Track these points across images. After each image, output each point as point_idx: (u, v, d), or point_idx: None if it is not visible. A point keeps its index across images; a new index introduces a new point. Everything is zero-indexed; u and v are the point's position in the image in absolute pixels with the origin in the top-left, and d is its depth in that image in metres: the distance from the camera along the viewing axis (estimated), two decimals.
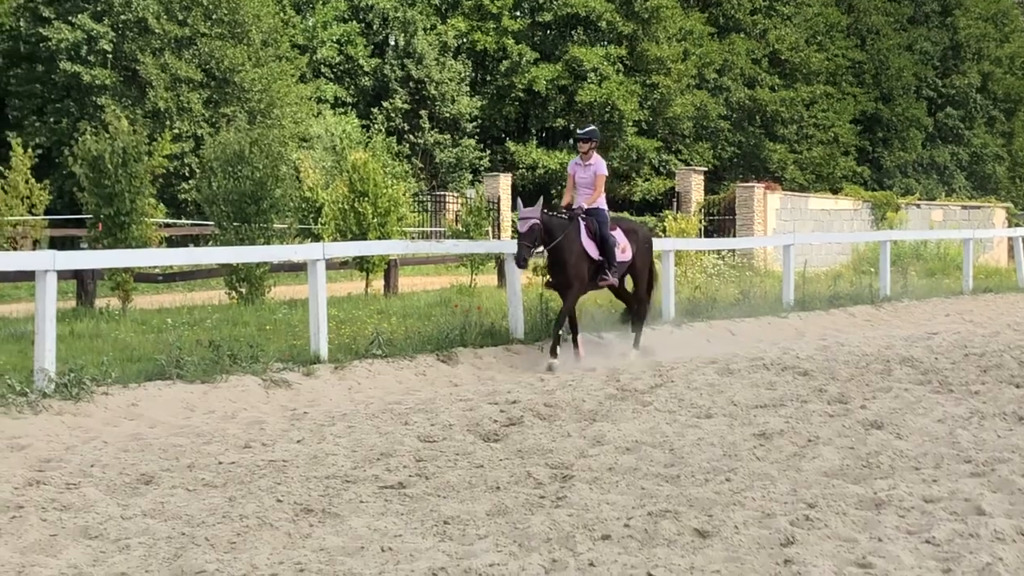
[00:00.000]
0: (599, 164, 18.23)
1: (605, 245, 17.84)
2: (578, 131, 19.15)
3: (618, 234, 18.23)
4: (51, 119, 48.20)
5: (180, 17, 49.64)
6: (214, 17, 50.23)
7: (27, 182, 20.77)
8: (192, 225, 35.93)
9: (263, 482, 9.89)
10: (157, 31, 48.88)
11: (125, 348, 16.54)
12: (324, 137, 49.08)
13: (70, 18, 48.58)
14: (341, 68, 60.56)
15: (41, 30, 48.84)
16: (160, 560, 7.73)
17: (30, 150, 21.44)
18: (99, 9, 48.99)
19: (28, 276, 17.59)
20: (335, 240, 25.91)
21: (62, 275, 15.79)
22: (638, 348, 18.66)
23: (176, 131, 27.35)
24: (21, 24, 50.17)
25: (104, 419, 13.04)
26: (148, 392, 13.99)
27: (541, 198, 18.02)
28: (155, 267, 24.38)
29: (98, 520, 8.69)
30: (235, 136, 25.67)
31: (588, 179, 18.14)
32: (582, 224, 17.75)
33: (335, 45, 60.23)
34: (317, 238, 26.30)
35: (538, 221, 17.15)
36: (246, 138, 25.50)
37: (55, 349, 14.02)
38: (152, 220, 24.32)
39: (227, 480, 10.02)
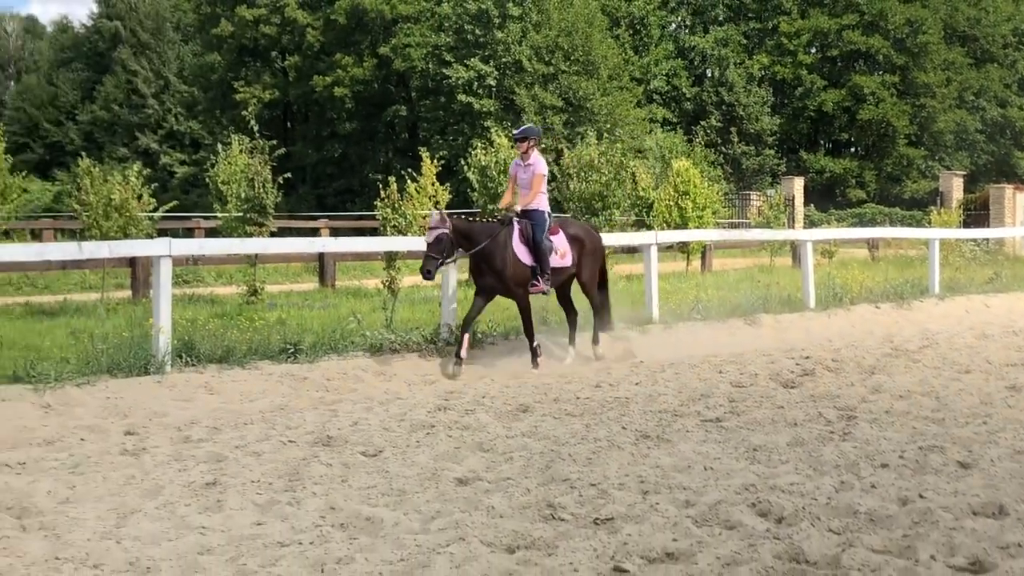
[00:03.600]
0: (538, 164, 13.95)
1: (538, 250, 13.59)
2: (515, 131, 14.87)
3: (558, 239, 13.98)
4: (450, 137, 49.81)
5: (546, 59, 50.43)
6: (572, 58, 50.83)
7: (433, 184, 21.30)
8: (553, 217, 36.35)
9: (611, 413, 9.98)
10: (529, 70, 49.80)
11: (505, 308, 16.86)
12: (655, 149, 48.89)
13: (465, 61, 50.06)
14: (668, 95, 60.48)
15: (444, 71, 50.49)
16: (535, 469, 7.89)
17: (435, 161, 21.98)
18: (486, 54, 50.27)
19: None
20: (663, 229, 25.82)
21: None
22: (597, 345, 14.42)
23: (543, 146, 27.71)
24: (430, 66, 51.89)
25: (489, 363, 13.37)
26: (521, 343, 14.25)
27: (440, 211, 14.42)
28: None
29: (489, 438, 8.94)
30: (587, 150, 25.86)
31: (528, 179, 13.91)
32: (516, 228, 13.60)
33: (664, 77, 60.18)
34: (649, 228, 26.23)
35: (446, 231, 13.03)
36: (595, 151, 25.66)
37: (456, 310, 14.46)
38: None
39: (584, 411, 10.14)
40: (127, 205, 19.82)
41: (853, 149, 66.30)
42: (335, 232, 33.05)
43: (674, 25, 65.21)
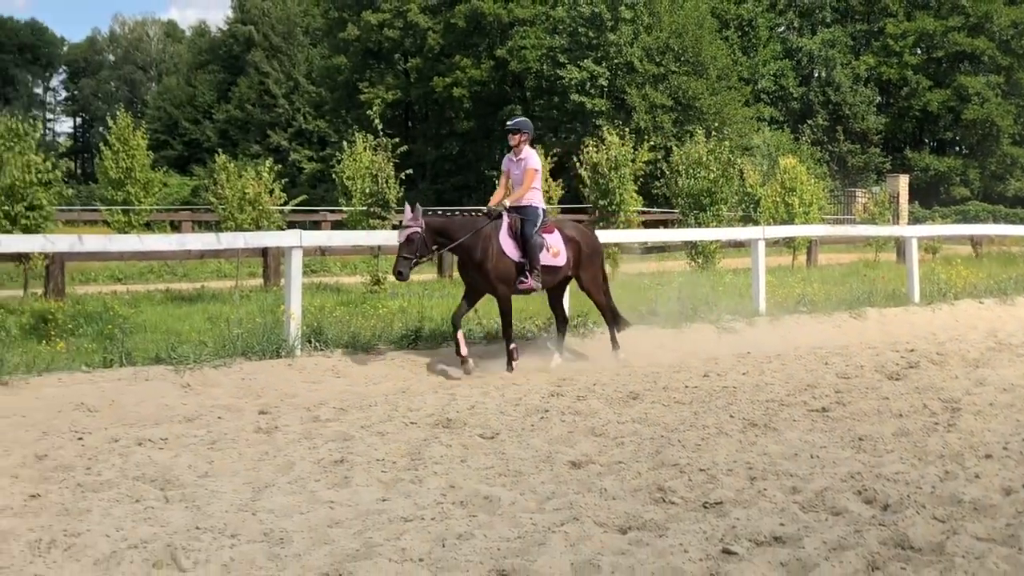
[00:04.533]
0: (530, 158, 12.45)
1: (527, 244, 12.12)
2: (507, 122, 13.03)
3: (553, 237, 12.46)
4: (563, 135, 49.81)
5: (657, 60, 50.14)
6: (682, 59, 50.48)
7: (546, 180, 21.48)
8: (661, 212, 36.06)
9: (719, 402, 9.90)
10: (640, 70, 49.56)
11: (617, 301, 16.75)
12: (762, 147, 48.41)
13: (578, 62, 49.99)
14: (776, 95, 59.70)
15: (558, 71, 50.50)
16: (646, 454, 7.87)
17: (549, 158, 22.07)
18: (599, 55, 50.17)
19: None
20: (770, 225, 25.50)
21: None
22: (618, 349, 13.12)
23: (652, 143, 27.46)
24: (544, 67, 51.95)
25: (602, 352, 13.33)
26: (633, 332, 14.17)
27: (417, 204, 12.25)
28: (635, 243, 24.64)
29: (601, 423, 8.93)
30: (696, 147, 25.67)
31: (520, 175, 12.43)
32: (504, 222, 12.22)
33: (772, 78, 59.42)
34: (755, 223, 25.95)
35: (418, 230, 11.70)
36: (704, 149, 25.46)
37: (568, 303, 14.44)
38: (633, 208, 24.64)
39: (692, 399, 10.07)
40: (260, 199, 20.25)
41: (957, 148, 64.78)
42: None
43: (782, 27, 64.32)
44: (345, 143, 22.91)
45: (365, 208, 20.91)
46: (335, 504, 6.58)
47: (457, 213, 12.56)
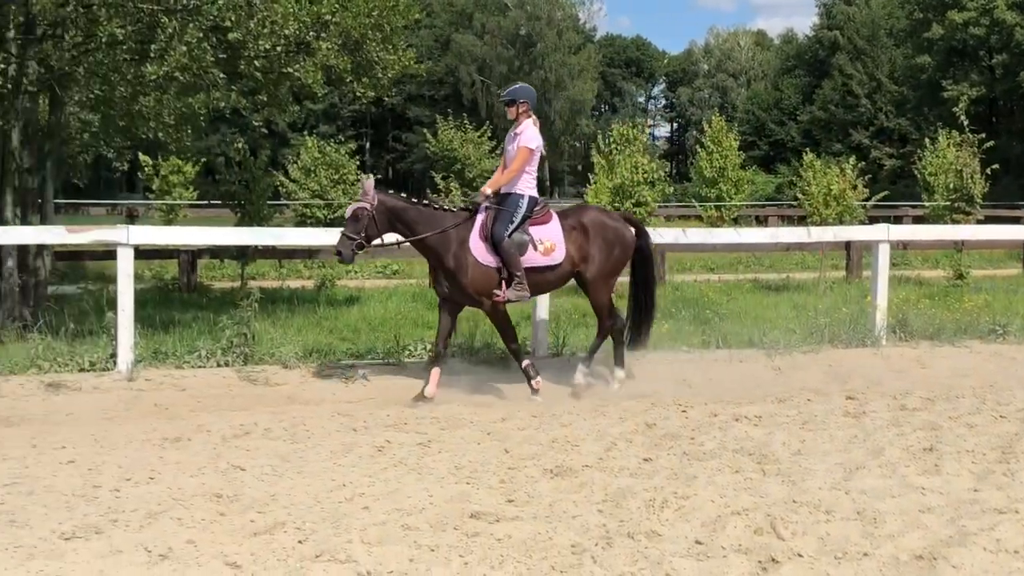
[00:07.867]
0: (525, 133, 9.46)
1: (498, 248, 9.26)
2: (501, 95, 10.21)
3: (545, 229, 9.47)
4: None
5: None
6: None
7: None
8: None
9: None
10: None
11: None
12: None
13: None
14: None
15: None
16: None
17: None
18: None
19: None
20: None
21: None
22: (588, 363, 9.97)
23: None
24: None
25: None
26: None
27: (371, 177, 9.58)
28: None
29: None
30: None
31: (513, 153, 9.54)
32: (479, 219, 9.40)
33: None
34: None
35: (366, 207, 9.07)
36: None
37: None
38: None
39: None
40: (844, 195, 20.02)
41: None
42: None
43: None
44: (927, 140, 22.30)
45: (948, 203, 20.17)
46: (926, 490, 6.33)
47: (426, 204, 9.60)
